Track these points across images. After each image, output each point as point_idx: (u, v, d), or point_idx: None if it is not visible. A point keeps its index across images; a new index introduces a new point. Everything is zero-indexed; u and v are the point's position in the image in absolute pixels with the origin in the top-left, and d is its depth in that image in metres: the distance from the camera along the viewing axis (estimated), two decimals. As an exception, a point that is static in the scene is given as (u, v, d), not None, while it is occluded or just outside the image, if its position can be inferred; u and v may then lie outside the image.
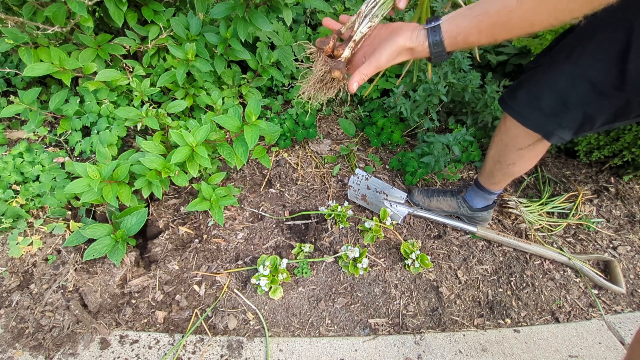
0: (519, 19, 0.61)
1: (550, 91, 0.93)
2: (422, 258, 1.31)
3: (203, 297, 1.26)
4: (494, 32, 0.64)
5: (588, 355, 1.19)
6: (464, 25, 0.67)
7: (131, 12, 1.38)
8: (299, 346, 1.16)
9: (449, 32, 0.68)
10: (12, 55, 1.62)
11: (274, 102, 1.87)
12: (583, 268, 1.41)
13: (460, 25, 0.67)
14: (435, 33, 0.69)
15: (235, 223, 1.47)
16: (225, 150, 1.22)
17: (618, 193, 1.72)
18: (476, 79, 1.67)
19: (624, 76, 0.81)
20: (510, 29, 0.63)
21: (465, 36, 0.67)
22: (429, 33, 0.70)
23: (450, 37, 0.68)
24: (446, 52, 0.70)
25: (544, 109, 0.95)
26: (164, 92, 1.57)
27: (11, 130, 1.67)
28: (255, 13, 1.30)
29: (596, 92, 0.87)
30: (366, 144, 1.85)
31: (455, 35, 0.68)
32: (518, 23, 0.62)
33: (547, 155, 1.89)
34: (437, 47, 0.70)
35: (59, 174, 1.34)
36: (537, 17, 0.60)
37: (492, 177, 1.31)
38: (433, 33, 0.69)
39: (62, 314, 1.15)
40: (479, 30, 0.65)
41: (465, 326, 1.25)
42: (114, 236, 1.15)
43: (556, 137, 0.98)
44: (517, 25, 0.62)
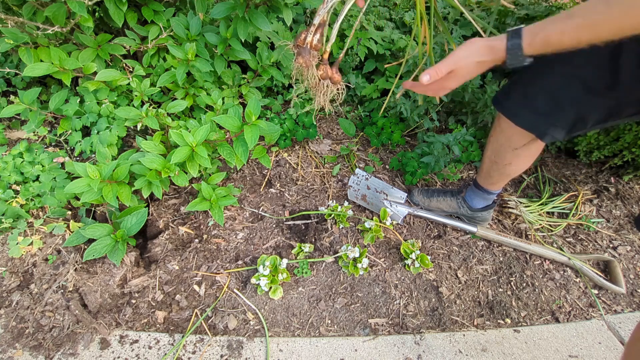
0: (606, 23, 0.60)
1: (543, 91, 0.93)
2: (422, 258, 1.31)
3: (203, 297, 1.26)
4: (579, 35, 0.64)
5: (588, 355, 1.19)
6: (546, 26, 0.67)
7: (131, 12, 1.38)
8: (299, 346, 1.16)
9: (529, 31, 0.68)
10: (12, 55, 1.62)
11: (274, 102, 1.87)
12: (583, 268, 1.41)
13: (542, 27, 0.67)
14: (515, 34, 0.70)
15: (235, 223, 1.47)
16: (225, 150, 1.22)
17: (618, 193, 1.72)
18: (476, 79, 1.67)
19: (616, 76, 0.81)
20: (597, 33, 0.62)
21: (546, 36, 0.67)
22: (509, 34, 0.71)
23: (529, 37, 0.68)
24: (523, 53, 0.70)
25: (537, 108, 0.96)
26: (164, 92, 1.57)
27: (11, 130, 1.67)
28: (255, 13, 1.30)
29: (588, 92, 0.87)
30: (366, 144, 1.85)
31: (534, 35, 0.68)
32: (605, 27, 0.61)
33: (547, 155, 1.89)
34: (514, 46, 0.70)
35: (59, 174, 1.34)
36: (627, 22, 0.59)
37: (490, 177, 1.31)
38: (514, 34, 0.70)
39: (62, 314, 1.15)
40: (561, 31, 0.65)
41: (465, 326, 1.25)
42: (114, 236, 1.15)
43: (549, 137, 0.98)
44: (605, 29, 0.61)
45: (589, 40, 0.64)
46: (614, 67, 0.81)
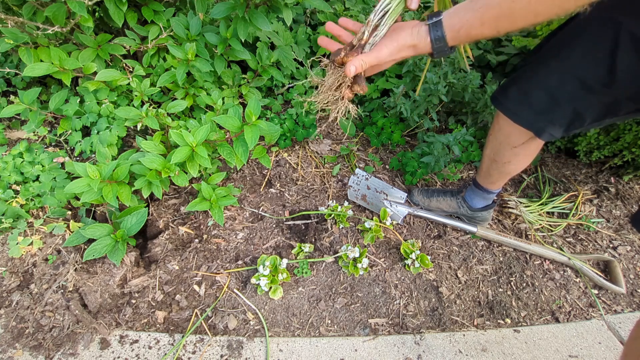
0: (522, 10, 0.60)
1: (541, 88, 0.94)
2: (422, 258, 1.31)
3: (203, 297, 1.26)
4: (498, 24, 0.64)
5: (588, 355, 1.19)
6: (466, 18, 0.66)
7: (131, 12, 1.38)
8: (299, 346, 1.16)
9: (450, 26, 0.68)
10: (12, 55, 1.62)
11: (274, 102, 1.87)
12: (583, 268, 1.41)
13: (463, 19, 0.67)
14: (436, 28, 0.69)
15: (235, 223, 1.47)
16: (225, 150, 1.22)
17: (618, 193, 1.72)
18: (476, 79, 1.67)
19: (612, 73, 0.81)
20: (514, 21, 0.62)
21: (468, 29, 0.67)
22: (430, 29, 0.69)
23: (452, 31, 0.68)
24: (448, 47, 0.70)
25: (535, 106, 0.96)
26: (164, 92, 1.57)
27: (11, 130, 1.67)
28: (255, 13, 1.30)
29: (585, 89, 0.87)
30: (366, 144, 1.85)
31: (457, 29, 0.67)
32: (522, 13, 0.61)
33: (547, 155, 1.89)
34: (439, 43, 0.69)
35: (59, 174, 1.34)
36: (541, 7, 0.59)
37: (489, 176, 1.31)
38: (435, 28, 0.69)
39: (62, 314, 1.15)
40: (481, 23, 0.65)
41: (465, 326, 1.25)
42: (114, 236, 1.15)
43: (547, 134, 0.98)
44: (521, 16, 0.61)
45: (507, 29, 0.64)
46: (611, 65, 0.81)
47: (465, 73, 1.70)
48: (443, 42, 0.69)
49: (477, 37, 0.67)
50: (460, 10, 0.67)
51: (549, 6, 0.59)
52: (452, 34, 0.68)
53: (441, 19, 0.69)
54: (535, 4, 0.59)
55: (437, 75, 1.64)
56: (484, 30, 0.65)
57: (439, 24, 0.69)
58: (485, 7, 0.64)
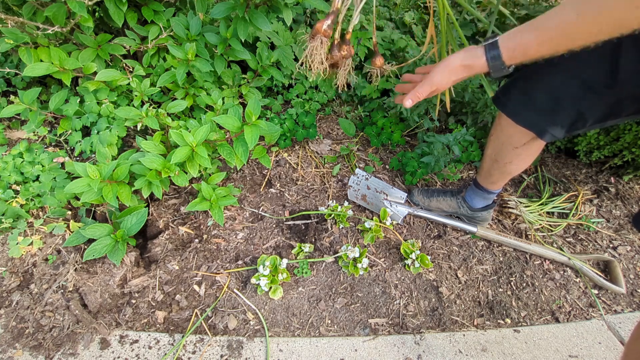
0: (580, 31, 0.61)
1: (543, 89, 0.94)
2: (422, 258, 1.31)
3: (203, 297, 1.26)
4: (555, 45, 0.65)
5: (588, 355, 1.19)
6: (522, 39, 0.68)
7: (131, 12, 1.38)
8: (299, 346, 1.16)
9: (506, 46, 0.70)
10: (12, 55, 1.62)
11: (274, 102, 1.87)
12: (583, 268, 1.41)
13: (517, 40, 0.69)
14: (493, 48, 0.71)
15: (235, 223, 1.47)
16: (225, 150, 1.22)
17: (618, 193, 1.72)
18: (476, 79, 1.67)
19: (615, 74, 0.82)
20: (573, 40, 0.63)
21: (524, 49, 0.68)
22: (486, 48, 0.72)
23: (508, 50, 0.70)
24: (505, 65, 0.72)
25: (537, 106, 0.96)
26: (164, 92, 1.57)
27: (11, 130, 1.67)
28: (255, 13, 1.30)
29: (588, 90, 0.88)
30: (366, 144, 1.85)
31: (513, 49, 0.69)
32: (580, 34, 0.62)
33: (547, 155, 1.89)
34: (495, 60, 0.72)
35: (59, 174, 1.34)
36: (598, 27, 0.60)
37: (490, 176, 1.31)
38: (491, 47, 0.71)
39: (62, 314, 1.15)
40: (538, 44, 0.66)
41: (465, 326, 1.25)
42: (114, 236, 1.15)
43: (549, 135, 0.98)
44: (579, 37, 0.62)
45: (567, 48, 0.65)
46: (614, 66, 0.81)
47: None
48: (499, 61, 0.71)
49: (535, 56, 0.69)
50: (517, 33, 0.69)
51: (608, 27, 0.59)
52: (508, 54, 0.70)
53: (497, 40, 0.71)
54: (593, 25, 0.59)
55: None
56: (541, 50, 0.67)
57: (495, 44, 0.71)
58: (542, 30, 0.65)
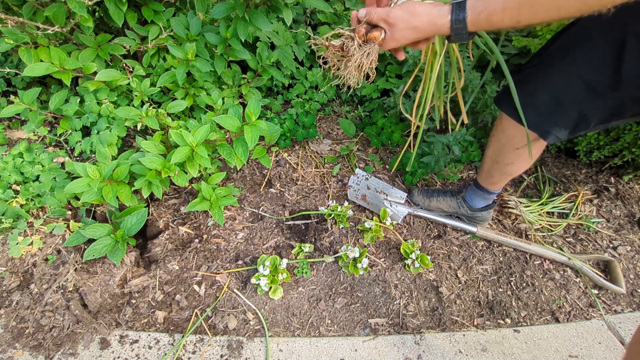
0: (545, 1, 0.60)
1: (546, 90, 0.93)
2: (422, 258, 1.31)
3: (203, 297, 1.26)
4: (520, 13, 0.63)
5: (588, 355, 1.19)
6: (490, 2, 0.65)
7: (131, 12, 1.38)
8: (299, 346, 1.16)
9: (473, 7, 0.67)
10: (12, 55, 1.62)
11: (274, 102, 1.87)
12: (583, 268, 1.41)
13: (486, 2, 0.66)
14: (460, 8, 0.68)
15: (235, 223, 1.47)
16: (225, 150, 1.22)
17: (618, 193, 1.72)
18: (476, 79, 1.67)
19: (618, 76, 0.81)
20: (536, 12, 0.62)
21: (489, 14, 0.66)
22: (453, 7, 0.68)
23: (473, 13, 0.67)
24: (467, 31, 0.69)
25: (539, 107, 0.95)
26: (164, 92, 1.57)
27: (11, 130, 1.67)
28: (255, 13, 1.30)
29: (591, 92, 0.87)
30: (366, 144, 1.85)
31: (479, 12, 0.66)
32: (544, 5, 0.60)
33: (547, 155, 1.89)
34: (458, 24, 0.68)
35: (59, 174, 1.34)
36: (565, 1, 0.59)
37: (491, 176, 1.31)
38: (458, 8, 0.68)
39: (62, 314, 1.15)
40: (503, 9, 0.64)
41: (465, 326, 1.25)
42: (114, 236, 1.15)
43: (552, 137, 0.98)
44: (544, 8, 0.61)
45: (528, 20, 0.63)
46: (617, 66, 0.80)
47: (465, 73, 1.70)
48: (462, 24, 0.68)
49: (498, 24, 0.66)
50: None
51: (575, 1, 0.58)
52: (473, 17, 0.67)
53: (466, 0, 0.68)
54: None
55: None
56: (504, 17, 0.64)
57: (463, 4, 0.68)
58: None
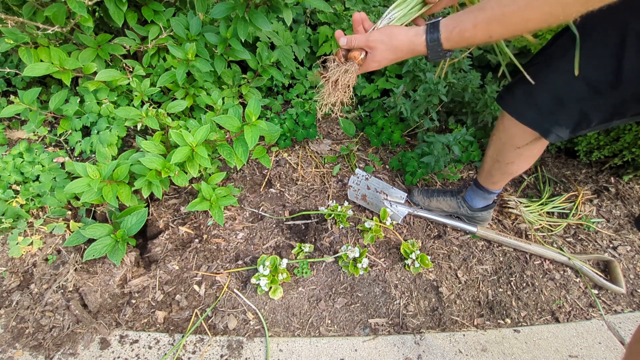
0: (513, 15, 0.62)
1: (547, 89, 0.93)
2: (422, 258, 1.31)
3: (203, 297, 1.26)
4: (490, 28, 0.65)
5: (588, 355, 1.19)
6: (461, 19, 0.68)
7: (131, 12, 1.38)
8: (299, 346, 1.16)
9: (445, 25, 0.70)
10: (12, 55, 1.62)
11: (274, 102, 1.87)
12: (583, 268, 1.41)
13: (457, 20, 0.69)
14: (433, 29, 0.71)
15: (235, 223, 1.47)
16: (225, 150, 1.22)
17: (618, 193, 1.72)
18: (476, 79, 1.67)
19: (619, 74, 0.81)
20: (505, 25, 0.64)
21: (461, 30, 0.69)
22: (427, 28, 0.72)
23: (446, 31, 0.70)
24: (442, 48, 0.72)
25: (541, 106, 0.96)
26: (164, 92, 1.57)
27: (11, 130, 1.67)
28: (255, 13, 1.30)
29: (592, 90, 0.87)
30: (366, 144, 1.85)
31: (451, 29, 0.69)
32: (512, 19, 0.63)
33: (547, 155, 1.89)
34: (433, 42, 0.72)
35: (59, 174, 1.34)
36: (531, 14, 0.61)
37: (491, 176, 1.31)
38: (432, 28, 0.71)
39: (62, 314, 1.15)
40: (474, 25, 0.66)
41: (465, 326, 1.25)
42: (114, 236, 1.15)
43: (554, 135, 0.98)
44: (512, 22, 0.63)
45: (500, 34, 0.66)
46: (617, 65, 0.81)
47: (465, 73, 1.70)
48: (437, 42, 0.71)
49: (470, 40, 0.69)
50: (457, 14, 0.70)
51: (540, 14, 0.60)
52: (446, 34, 0.70)
53: (439, 19, 0.71)
54: (526, 10, 0.61)
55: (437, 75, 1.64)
56: (476, 33, 0.67)
57: (436, 24, 0.71)
58: (478, 10, 0.66)
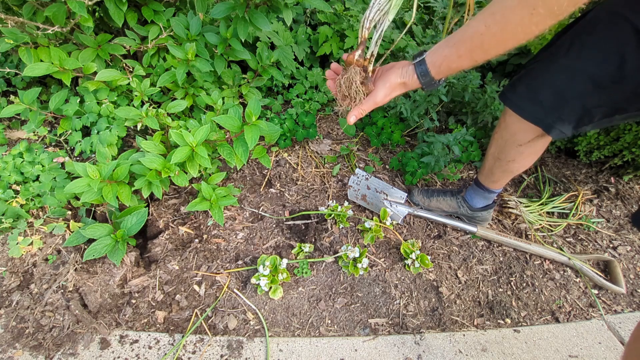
0: (490, 41, 0.67)
1: (550, 85, 0.94)
2: (422, 258, 1.31)
3: (203, 297, 1.26)
4: (473, 55, 0.70)
5: (588, 355, 1.19)
6: (445, 54, 0.73)
7: (131, 12, 1.38)
8: (299, 346, 1.16)
9: (432, 62, 0.75)
10: (12, 55, 1.62)
11: (274, 102, 1.88)
12: (583, 268, 1.41)
13: (442, 55, 0.74)
14: (421, 66, 0.76)
15: (235, 223, 1.47)
16: (225, 150, 1.22)
17: (618, 193, 1.72)
18: (476, 79, 1.67)
19: (622, 70, 0.82)
20: (486, 51, 0.69)
21: (448, 63, 0.74)
22: (415, 67, 0.77)
23: (434, 67, 0.75)
24: (435, 80, 0.77)
25: (544, 102, 0.96)
26: (163, 92, 1.57)
27: (11, 130, 1.67)
28: (255, 13, 1.30)
29: (595, 86, 0.88)
30: (366, 144, 1.85)
31: (438, 65, 0.75)
32: (491, 44, 0.67)
33: (547, 155, 1.89)
34: (425, 77, 0.77)
35: (59, 174, 1.34)
36: (506, 36, 0.65)
37: (492, 174, 1.31)
38: (419, 66, 0.77)
39: (62, 314, 1.15)
40: (458, 56, 0.71)
41: (465, 326, 1.25)
42: (114, 236, 1.15)
43: (557, 131, 0.98)
44: (491, 47, 0.68)
45: (484, 58, 0.71)
46: (620, 61, 0.82)
47: (465, 73, 1.70)
48: (429, 77, 0.77)
49: (458, 69, 0.74)
50: (439, 48, 0.75)
51: (512, 35, 0.65)
52: (435, 70, 0.76)
53: (424, 57, 0.76)
54: (502, 34, 0.65)
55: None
56: (462, 63, 0.72)
57: (422, 62, 0.76)
58: (459, 42, 0.71)
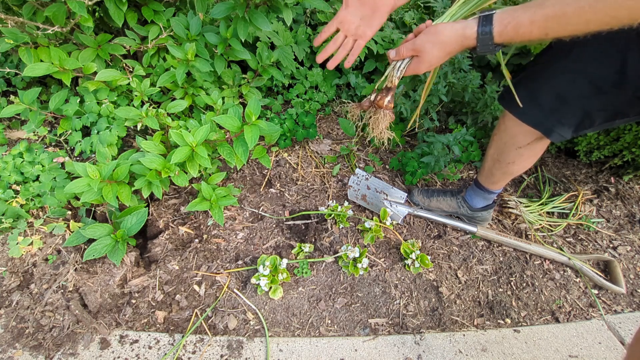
0: (574, 15, 0.60)
1: (550, 88, 0.93)
2: (422, 258, 1.31)
3: (203, 297, 1.26)
4: (547, 26, 0.64)
5: (588, 355, 1.19)
6: (517, 14, 0.66)
7: (131, 12, 1.38)
8: (299, 346, 1.16)
9: (500, 19, 0.68)
10: (12, 55, 1.62)
11: (274, 102, 1.87)
12: (583, 268, 1.41)
13: (513, 15, 0.67)
14: (486, 21, 0.69)
15: (235, 223, 1.47)
16: (225, 150, 1.22)
17: (618, 193, 1.72)
18: (476, 79, 1.67)
19: (623, 74, 0.81)
20: (564, 25, 0.62)
21: (516, 25, 0.67)
22: (480, 19, 0.70)
23: (500, 25, 0.68)
24: (493, 42, 0.70)
25: (543, 105, 0.95)
26: (163, 92, 1.57)
27: (11, 130, 1.67)
28: (255, 13, 1.30)
29: (595, 89, 0.87)
30: (366, 144, 1.85)
31: (506, 23, 0.67)
32: (573, 19, 0.61)
33: (547, 155, 1.89)
34: (484, 35, 0.70)
35: (59, 174, 1.34)
36: (593, 15, 0.59)
37: (492, 176, 1.31)
38: (484, 20, 0.69)
39: (62, 314, 1.15)
40: (531, 21, 0.64)
41: (465, 326, 1.25)
42: (114, 236, 1.15)
43: (556, 135, 0.98)
44: (572, 21, 0.61)
45: (557, 33, 0.64)
46: (621, 65, 0.81)
47: (465, 73, 1.70)
48: (489, 35, 0.69)
49: (524, 36, 0.67)
50: (512, 9, 0.68)
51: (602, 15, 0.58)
52: (500, 28, 0.68)
53: (493, 12, 0.69)
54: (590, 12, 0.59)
55: (437, 74, 1.64)
56: (532, 30, 0.65)
57: (489, 17, 0.69)
58: (537, 7, 0.64)
